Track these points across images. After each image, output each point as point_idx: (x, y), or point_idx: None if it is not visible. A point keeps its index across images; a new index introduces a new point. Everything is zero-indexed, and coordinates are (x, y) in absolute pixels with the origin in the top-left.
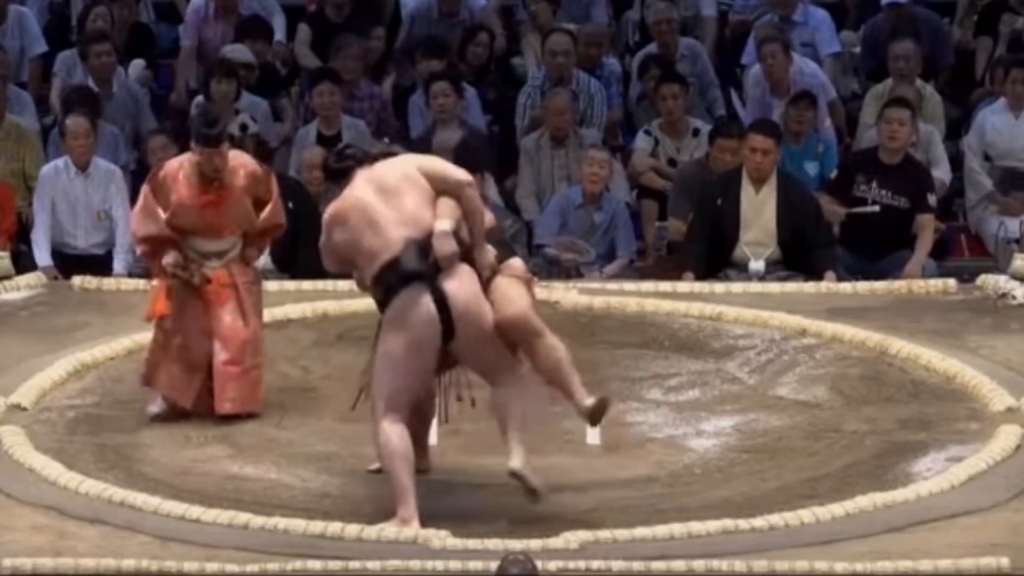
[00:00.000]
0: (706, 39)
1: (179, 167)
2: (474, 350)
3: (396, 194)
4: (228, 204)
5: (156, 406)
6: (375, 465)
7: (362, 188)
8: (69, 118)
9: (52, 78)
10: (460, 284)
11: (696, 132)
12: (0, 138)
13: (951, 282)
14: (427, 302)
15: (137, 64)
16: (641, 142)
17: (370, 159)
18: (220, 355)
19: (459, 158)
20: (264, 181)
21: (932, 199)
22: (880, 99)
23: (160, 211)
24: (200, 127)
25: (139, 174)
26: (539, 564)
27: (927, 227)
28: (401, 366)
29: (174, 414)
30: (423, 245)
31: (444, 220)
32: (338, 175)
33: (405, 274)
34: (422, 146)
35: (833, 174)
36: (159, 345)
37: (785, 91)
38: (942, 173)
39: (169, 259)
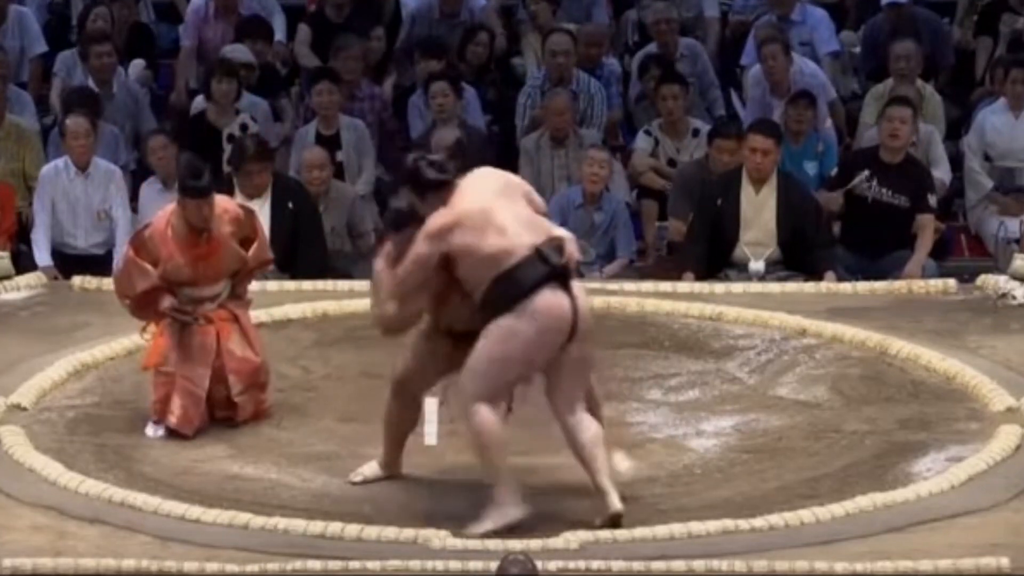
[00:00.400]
0: (708, 40)
1: (166, 224)
2: (578, 361)
3: (511, 200)
4: (219, 253)
5: (155, 431)
6: (359, 477)
7: (477, 195)
8: (69, 118)
9: (52, 78)
10: (582, 292)
11: (696, 132)
12: (0, 138)
13: (951, 282)
14: (566, 302)
15: (137, 64)
16: (641, 142)
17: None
18: (235, 388)
19: (454, 157)
20: (248, 222)
21: (932, 199)
22: (880, 99)
23: (149, 267)
24: (187, 179)
25: (139, 174)
26: (539, 564)
27: (927, 227)
28: (519, 360)
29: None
30: (552, 248)
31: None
32: (437, 186)
33: (549, 273)
34: (421, 145)
35: (833, 172)
36: (163, 384)
37: (785, 91)
38: (942, 173)
39: (166, 303)
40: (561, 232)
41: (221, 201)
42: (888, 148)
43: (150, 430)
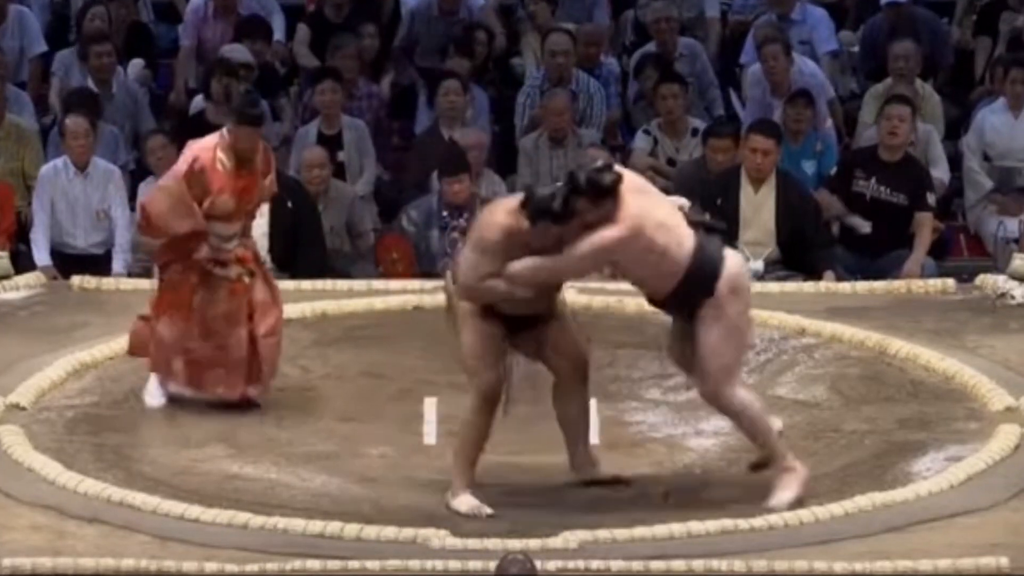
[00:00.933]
0: (709, 40)
1: (212, 156)
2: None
3: (644, 191)
4: (257, 185)
5: (157, 398)
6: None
7: (638, 196)
8: (69, 118)
9: (51, 78)
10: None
11: (695, 132)
12: (0, 138)
13: (950, 282)
14: (741, 256)
15: (136, 64)
16: (640, 142)
17: None
18: (260, 327)
19: (446, 160)
20: (267, 156)
21: (931, 198)
22: (879, 99)
23: (193, 204)
24: (245, 108)
25: (138, 174)
26: (539, 564)
27: (925, 225)
28: (745, 335)
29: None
30: (703, 216)
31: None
32: (611, 191)
33: (721, 242)
34: (426, 144)
35: (832, 172)
36: (171, 339)
37: (785, 91)
38: (941, 173)
39: (204, 252)
40: (677, 200)
41: None
42: (887, 147)
43: (151, 396)
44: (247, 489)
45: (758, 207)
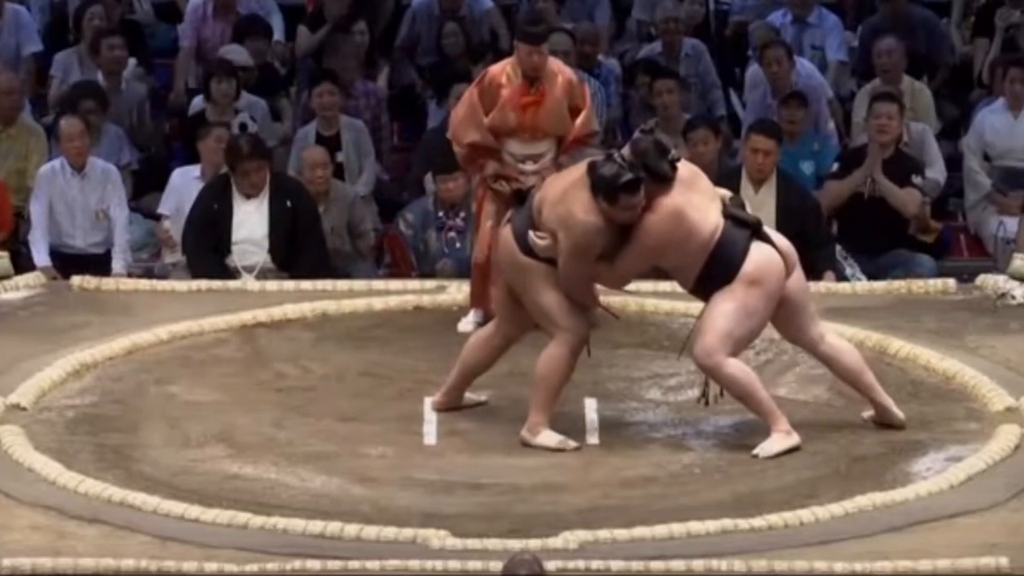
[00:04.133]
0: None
1: (502, 71)
2: (799, 290)
3: (697, 183)
4: (546, 106)
5: (470, 323)
6: None
7: (681, 185)
8: (63, 119)
9: (51, 79)
10: (773, 232)
11: None
12: (12, 136)
13: (950, 282)
14: (772, 252)
15: (129, 63)
16: None
17: None
18: None
19: (439, 158)
20: (579, 89)
21: (917, 179)
22: (869, 97)
23: (483, 118)
24: (524, 25)
25: (140, 174)
26: None
27: (912, 197)
28: (760, 316)
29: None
30: (737, 207)
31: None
32: (671, 175)
33: (749, 234)
34: (433, 143)
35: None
36: (482, 267)
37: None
38: (936, 173)
39: (491, 169)
40: (722, 191)
41: (557, 62)
42: (878, 144)
43: (464, 324)
44: (247, 489)
45: (758, 207)
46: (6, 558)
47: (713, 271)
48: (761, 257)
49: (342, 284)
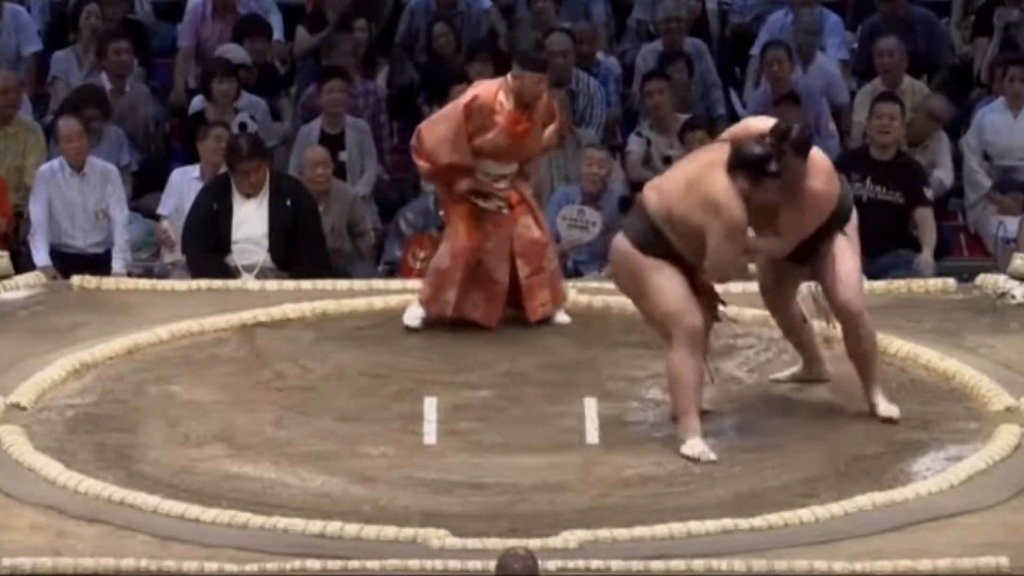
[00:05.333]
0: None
1: (495, 96)
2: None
3: None
4: (534, 133)
5: (416, 319)
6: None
7: None
8: (61, 120)
9: (54, 80)
10: None
11: None
12: (10, 134)
13: (950, 282)
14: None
15: None
16: (633, 144)
17: None
18: (523, 270)
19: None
20: (551, 106)
21: (928, 192)
22: (870, 97)
23: (466, 140)
24: (530, 52)
25: (140, 174)
26: (539, 564)
27: (927, 220)
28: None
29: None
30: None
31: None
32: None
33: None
34: None
35: None
36: (445, 272)
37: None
38: (944, 173)
39: (465, 185)
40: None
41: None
42: (878, 145)
43: (410, 316)
44: (247, 489)
45: None
46: (6, 558)
47: (832, 222)
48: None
49: (342, 284)
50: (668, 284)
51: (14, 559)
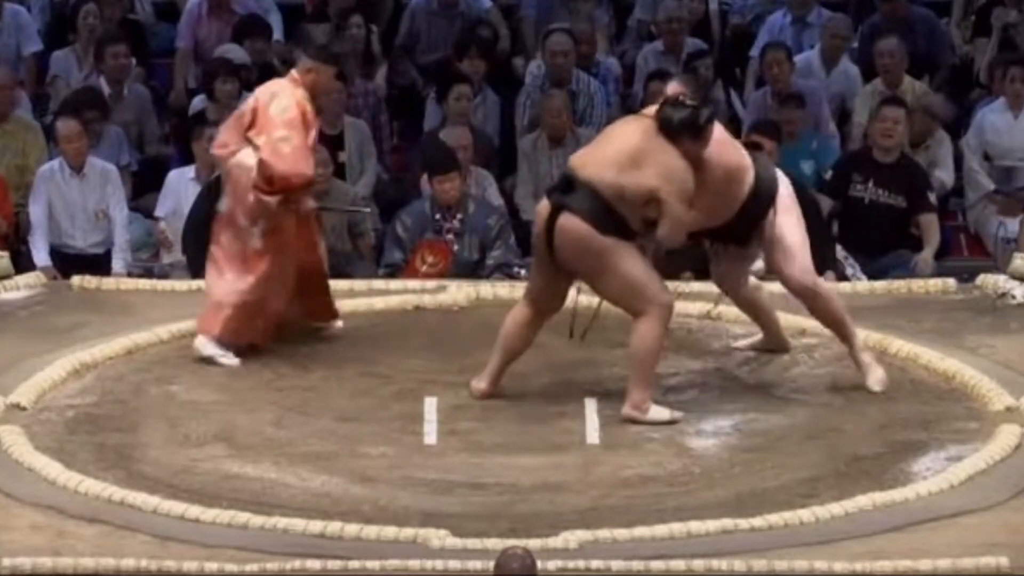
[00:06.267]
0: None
1: (302, 99)
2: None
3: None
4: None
5: (210, 348)
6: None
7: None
8: (60, 121)
9: (55, 80)
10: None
11: None
12: (8, 132)
13: (950, 282)
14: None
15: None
16: None
17: None
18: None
19: (435, 159)
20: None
21: (932, 196)
22: (870, 97)
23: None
24: (325, 46)
25: (139, 174)
26: (538, 564)
27: (931, 225)
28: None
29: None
30: None
31: None
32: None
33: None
34: (432, 142)
35: (828, 175)
36: (252, 311)
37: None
38: (945, 174)
39: (309, 205)
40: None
41: None
42: (881, 148)
43: (206, 348)
44: (247, 489)
45: None
46: (6, 558)
47: (754, 204)
48: (788, 189)
49: (342, 284)
50: (636, 263)
51: (14, 559)
